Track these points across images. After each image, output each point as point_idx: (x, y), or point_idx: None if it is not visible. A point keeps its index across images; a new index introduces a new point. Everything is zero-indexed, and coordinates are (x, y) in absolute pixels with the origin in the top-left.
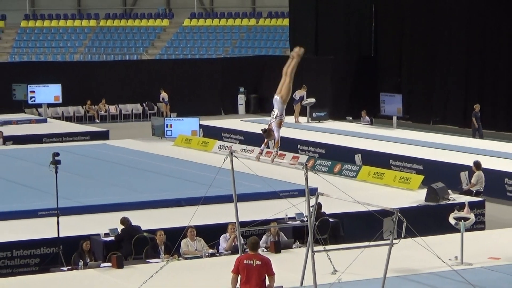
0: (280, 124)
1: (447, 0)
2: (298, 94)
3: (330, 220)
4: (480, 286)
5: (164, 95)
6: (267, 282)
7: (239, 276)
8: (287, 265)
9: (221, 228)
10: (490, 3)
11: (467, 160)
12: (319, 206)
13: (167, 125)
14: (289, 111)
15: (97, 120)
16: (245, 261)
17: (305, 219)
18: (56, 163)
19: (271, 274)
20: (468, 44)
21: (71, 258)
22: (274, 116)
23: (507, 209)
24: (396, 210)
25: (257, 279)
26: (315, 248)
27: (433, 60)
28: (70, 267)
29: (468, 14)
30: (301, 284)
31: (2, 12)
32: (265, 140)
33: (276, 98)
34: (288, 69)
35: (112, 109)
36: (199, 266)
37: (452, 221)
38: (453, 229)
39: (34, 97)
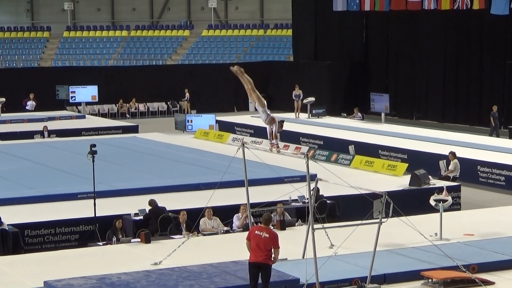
0: (272, 120)
1: (426, 14)
2: (294, 93)
3: (328, 202)
4: (457, 259)
5: (187, 94)
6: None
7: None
8: (291, 241)
9: (234, 209)
10: (462, 19)
11: (445, 150)
12: (318, 189)
13: (188, 120)
14: (291, 109)
15: (128, 116)
16: (256, 232)
17: (306, 201)
18: (93, 153)
19: (276, 247)
20: (444, 51)
21: (105, 234)
22: (265, 120)
23: (480, 192)
24: (384, 193)
25: (264, 249)
26: (315, 226)
27: (415, 65)
28: (105, 242)
29: (444, 28)
30: (303, 256)
31: (48, 24)
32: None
33: (258, 108)
34: (248, 87)
35: (141, 107)
36: (216, 241)
37: (432, 202)
38: (433, 210)
39: (74, 96)
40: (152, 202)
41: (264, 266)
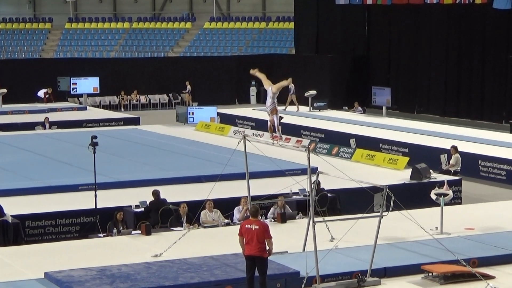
0: (275, 110)
1: (428, 7)
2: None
3: (329, 195)
4: (457, 253)
5: (189, 87)
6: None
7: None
8: (291, 233)
9: (235, 201)
10: (465, 13)
11: (446, 144)
12: (319, 183)
13: (189, 112)
14: (292, 102)
15: (122, 110)
16: (246, 226)
17: (307, 194)
18: (94, 144)
19: (268, 238)
20: (446, 45)
21: (106, 226)
22: (269, 105)
23: (481, 187)
24: (385, 186)
25: (257, 241)
26: (316, 219)
27: (417, 59)
28: (105, 234)
29: (446, 22)
30: (304, 249)
31: (49, 15)
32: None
33: (269, 92)
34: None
35: (143, 99)
36: (216, 233)
37: (433, 196)
38: (434, 204)
39: (76, 88)
40: (155, 193)
41: (258, 259)
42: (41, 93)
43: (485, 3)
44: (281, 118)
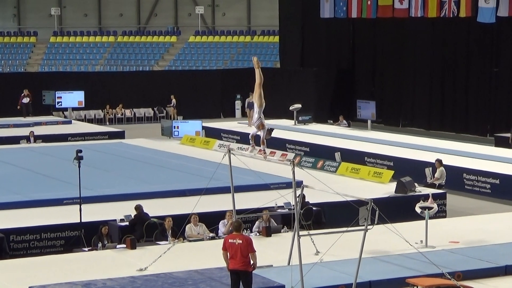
0: (261, 126)
1: (413, 21)
2: (247, 101)
3: (314, 208)
4: (442, 266)
5: (174, 101)
6: None
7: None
8: (276, 247)
9: (220, 215)
10: (449, 27)
11: (431, 157)
12: (304, 196)
13: (174, 126)
14: (277, 116)
15: (107, 123)
16: (229, 240)
17: (292, 207)
18: (79, 158)
19: (252, 251)
20: (431, 59)
21: (91, 240)
22: (255, 121)
23: (465, 200)
24: (370, 200)
25: (241, 255)
26: (301, 233)
27: (401, 72)
28: (90, 248)
29: (431, 35)
30: (289, 263)
31: (34, 29)
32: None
33: (254, 106)
34: (257, 82)
35: (128, 112)
36: (201, 247)
37: (418, 210)
38: (418, 217)
39: (61, 102)
40: (137, 207)
41: (243, 273)
42: (26, 100)
43: (470, 16)
44: (272, 130)
